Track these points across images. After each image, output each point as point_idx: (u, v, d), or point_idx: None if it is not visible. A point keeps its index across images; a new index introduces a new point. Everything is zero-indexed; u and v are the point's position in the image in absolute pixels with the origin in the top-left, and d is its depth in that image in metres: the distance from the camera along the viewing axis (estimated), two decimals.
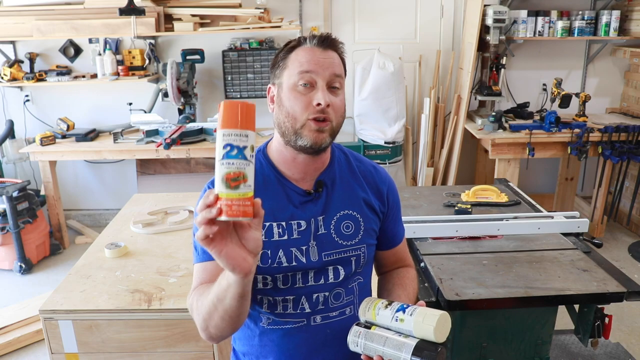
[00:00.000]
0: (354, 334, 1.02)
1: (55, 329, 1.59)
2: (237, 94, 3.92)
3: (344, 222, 1.11)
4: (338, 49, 1.06)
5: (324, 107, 0.99)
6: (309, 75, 1.01)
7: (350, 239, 1.11)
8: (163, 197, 2.52)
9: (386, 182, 1.20)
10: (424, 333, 0.95)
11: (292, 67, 1.03)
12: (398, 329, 0.99)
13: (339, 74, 1.04)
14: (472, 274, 1.58)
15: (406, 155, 4.00)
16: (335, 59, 1.05)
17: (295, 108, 1.01)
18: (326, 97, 1.00)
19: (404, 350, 0.95)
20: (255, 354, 1.16)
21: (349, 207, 1.12)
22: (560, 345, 2.07)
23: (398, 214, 1.24)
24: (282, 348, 1.12)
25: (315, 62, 1.01)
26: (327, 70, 1.01)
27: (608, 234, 3.79)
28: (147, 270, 1.81)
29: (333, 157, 1.15)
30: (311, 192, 1.10)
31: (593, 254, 1.70)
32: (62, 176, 4.05)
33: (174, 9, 3.65)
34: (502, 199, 2.16)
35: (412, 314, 0.97)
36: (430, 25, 3.95)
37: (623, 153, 3.27)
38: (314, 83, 1.01)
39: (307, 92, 1.01)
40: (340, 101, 1.05)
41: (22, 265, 3.38)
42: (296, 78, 1.01)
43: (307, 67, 1.01)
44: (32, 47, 3.88)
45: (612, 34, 3.63)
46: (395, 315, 0.99)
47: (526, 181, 4.08)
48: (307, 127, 1.01)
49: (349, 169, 1.16)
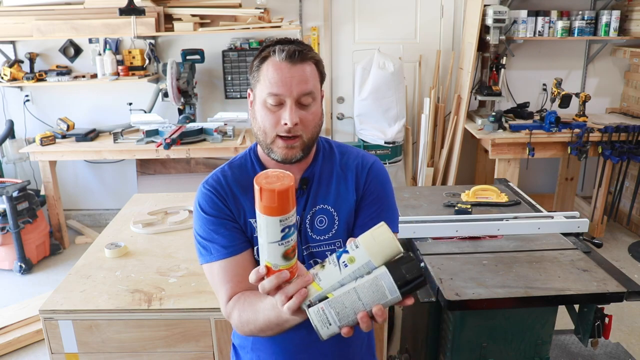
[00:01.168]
0: (316, 317, 0.83)
1: (55, 329, 1.59)
2: (237, 94, 3.92)
3: (319, 217, 1.11)
4: (310, 60, 1.04)
5: (291, 126, 1.00)
6: (277, 97, 1.01)
7: (323, 233, 1.11)
8: (163, 197, 2.52)
9: (367, 167, 1.14)
10: (384, 250, 0.81)
11: (263, 83, 1.03)
12: (354, 272, 0.82)
13: (309, 92, 1.02)
14: (472, 274, 1.58)
15: (406, 155, 4.00)
16: (307, 72, 1.02)
17: (266, 124, 1.03)
18: (293, 117, 1.00)
19: (383, 285, 0.81)
20: (249, 346, 1.19)
21: (325, 202, 1.12)
22: (560, 345, 2.07)
23: (383, 202, 1.14)
24: (274, 341, 1.14)
25: (283, 82, 1.00)
26: (295, 88, 1.00)
27: (608, 234, 3.79)
28: (147, 270, 1.81)
29: (317, 152, 1.15)
30: (297, 190, 1.10)
31: (593, 254, 1.70)
32: (62, 176, 4.05)
33: (174, 9, 3.65)
34: (502, 199, 2.16)
35: (357, 246, 0.82)
36: (430, 25, 3.95)
37: (623, 153, 3.27)
38: (283, 102, 1.02)
39: (276, 109, 1.02)
40: (311, 114, 1.04)
41: (22, 265, 3.38)
42: (265, 96, 1.02)
43: (275, 90, 1.00)
44: (32, 47, 3.88)
45: (612, 34, 3.63)
46: (341, 262, 0.83)
47: (526, 181, 4.08)
48: (276, 144, 1.03)
49: (331, 162, 1.15)
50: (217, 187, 1.10)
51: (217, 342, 1.62)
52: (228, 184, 1.10)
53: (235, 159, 1.16)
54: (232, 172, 1.12)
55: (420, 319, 1.85)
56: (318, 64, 1.07)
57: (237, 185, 1.10)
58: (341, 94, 4.06)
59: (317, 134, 1.08)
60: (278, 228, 0.80)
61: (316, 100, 1.06)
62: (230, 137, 3.57)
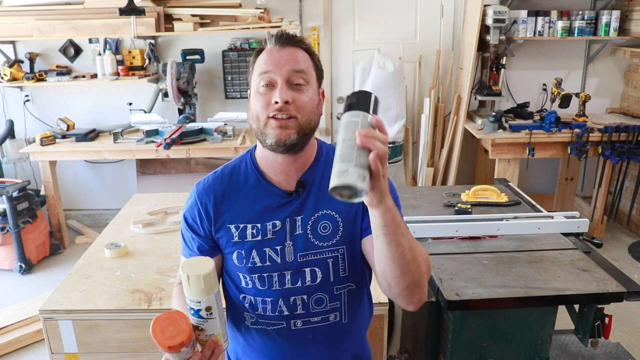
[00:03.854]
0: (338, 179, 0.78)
1: (55, 329, 1.59)
2: (237, 94, 3.92)
3: (322, 223, 1.08)
4: (300, 44, 1.05)
5: (282, 104, 0.99)
6: (267, 75, 1.01)
7: (326, 240, 1.08)
8: (163, 197, 2.52)
9: None
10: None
11: (255, 70, 1.04)
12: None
13: (300, 69, 1.02)
14: (472, 274, 1.58)
15: (406, 155, 4.00)
16: (298, 55, 1.03)
17: (257, 108, 1.02)
18: (283, 95, 0.99)
19: (347, 119, 0.85)
20: (240, 352, 1.19)
21: (328, 207, 1.09)
22: (560, 345, 2.07)
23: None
24: (263, 349, 1.14)
25: (272, 61, 1.01)
26: (284, 67, 1.01)
27: (608, 234, 3.79)
28: (147, 270, 1.81)
29: (319, 156, 1.12)
30: (292, 193, 1.09)
31: (593, 254, 1.70)
32: (62, 176, 4.05)
33: (174, 9, 3.65)
34: (502, 199, 2.16)
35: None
36: (430, 25, 3.95)
37: (623, 153, 3.27)
38: (274, 83, 1.01)
39: (268, 91, 1.02)
40: (306, 97, 1.03)
41: (22, 265, 3.38)
42: (257, 80, 1.03)
43: (264, 68, 1.02)
44: (32, 47, 3.88)
45: (612, 34, 3.63)
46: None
47: (526, 181, 4.08)
48: (269, 125, 1.01)
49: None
50: (202, 195, 1.11)
51: None
52: (214, 190, 1.11)
53: (231, 162, 1.16)
54: (222, 175, 1.13)
55: (420, 319, 1.84)
56: (310, 53, 1.07)
57: (222, 190, 1.11)
58: (341, 94, 4.06)
59: (315, 122, 1.06)
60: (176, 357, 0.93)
61: (310, 85, 1.04)
62: (230, 137, 3.57)
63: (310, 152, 1.10)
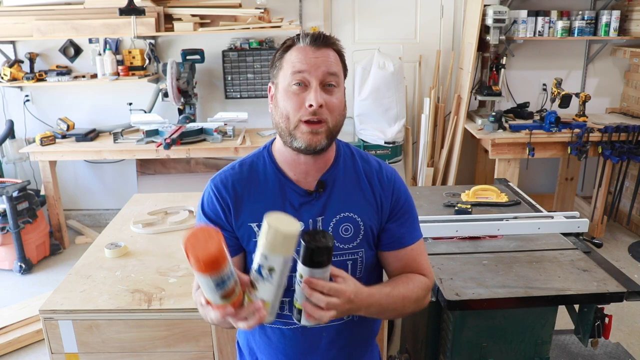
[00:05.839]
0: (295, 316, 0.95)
1: (55, 329, 1.59)
2: (237, 94, 3.92)
3: (343, 225, 1.08)
4: (333, 46, 1.04)
5: (316, 108, 0.98)
6: (301, 75, 1.00)
7: (348, 242, 1.08)
8: (163, 197, 2.52)
9: (392, 181, 1.14)
10: (287, 242, 0.84)
11: (286, 68, 1.02)
12: (282, 273, 0.88)
13: (334, 72, 1.02)
14: (472, 274, 1.58)
15: (406, 155, 4.00)
16: (330, 57, 1.02)
17: (289, 108, 1.01)
18: (318, 98, 0.98)
19: (297, 274, 0.89)
20: (254, 348, 1.20)
21: (350, 209, 1.09)
22: (560, 345, 2.07)
23: (407, 215, 1.15)
24: (278, 346, 1.14)
25: (307, 61, 1.00)
26: (319, 68, 1.00)
27: (608, 234, 3.79)
28: (147, 270, 1.81)
29: (338, 156, 1.12)
30: (312, 192, 1.08)
31: (593, 254, 1.70)
32: (62, 176, 4.05)
33: (174, 9, 3.65)
34: (502, 199, 2.16)
35: (266, 256, 0.86)
36: (430, 25, 3.95)
37: (623, 153, 3.27)
38: (307, 83, 1.00)
39: (301, 92, 1.00)
40: (337, 99, 1.03)
41: (22, 265, 3.38)
42: (290, 79, 1.01)
43: (299, 67, 1.00)
44: (32, 47, 3.88)
45: (612, 34, 3.63)
46: (264, 274, 0.87)
47: (526, 181, 4.08)
48: (300, 129, 1.00)
49: (354, 169, 1.13)
50: (221, 189, 1.09)
51: (217, 342, 1.62)
52: (233, 185, 1.09)
53: (247, 157, 1.14)
54: (240, 171, 1.11)
55: (420, 319, 1.84)
56: (341, 54, 1.06)
57: (242, 186, 1.09)
58: None
59: (341, 125, 1.06)
60: (211, 283, 0.83)
61: (340, 87, 1.05)
62: (230, 137, 3.57)
63: (331, 152, 1.10)
